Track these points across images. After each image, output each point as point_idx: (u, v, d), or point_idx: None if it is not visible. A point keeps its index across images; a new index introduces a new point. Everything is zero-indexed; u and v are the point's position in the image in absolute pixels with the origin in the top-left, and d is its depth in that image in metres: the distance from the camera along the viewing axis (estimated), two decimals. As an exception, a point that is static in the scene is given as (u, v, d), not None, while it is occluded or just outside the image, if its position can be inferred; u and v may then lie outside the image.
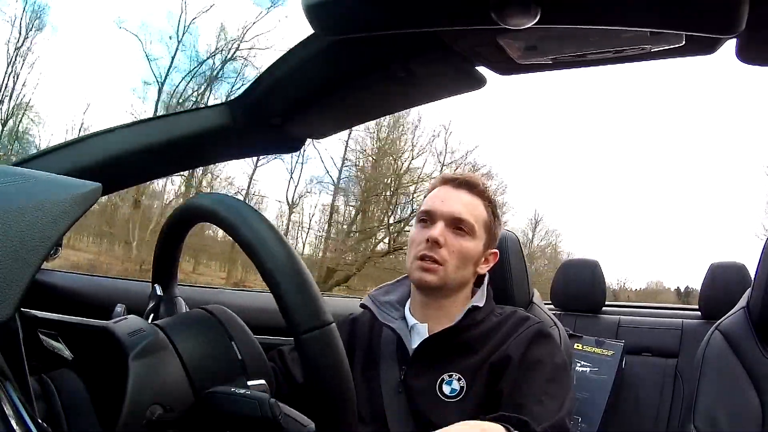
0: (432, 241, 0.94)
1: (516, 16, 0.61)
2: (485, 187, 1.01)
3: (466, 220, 0.97)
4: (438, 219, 0.97)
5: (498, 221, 1.03)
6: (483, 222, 0.99)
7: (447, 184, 1.01)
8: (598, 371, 1.80)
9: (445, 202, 0.98)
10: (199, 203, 0.65)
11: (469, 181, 1.00)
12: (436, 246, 0.95)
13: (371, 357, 1.00)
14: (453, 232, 0.96)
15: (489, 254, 1.02)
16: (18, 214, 0.42)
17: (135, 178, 1.11)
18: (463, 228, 0.96)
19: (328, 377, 0.54)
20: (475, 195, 1.00)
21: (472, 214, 0.98)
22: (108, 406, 0.53)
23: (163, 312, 0.73)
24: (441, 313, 0.98)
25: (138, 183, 1.18)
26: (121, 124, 0.95)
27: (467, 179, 1.01)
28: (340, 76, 0.91)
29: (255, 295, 1.51)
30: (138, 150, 0.94)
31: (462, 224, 0.96)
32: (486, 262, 1.02)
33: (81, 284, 1.23)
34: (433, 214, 0.98)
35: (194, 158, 1.08)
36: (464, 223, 0.96)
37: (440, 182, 1.03)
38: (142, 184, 7.88)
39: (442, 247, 0.95)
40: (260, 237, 0.55)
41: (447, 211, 0.97)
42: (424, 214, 0.99)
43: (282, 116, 1.00)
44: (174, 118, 1.06)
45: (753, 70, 0.77)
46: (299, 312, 0.53)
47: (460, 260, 0.96)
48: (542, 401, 0.84)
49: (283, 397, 0.60)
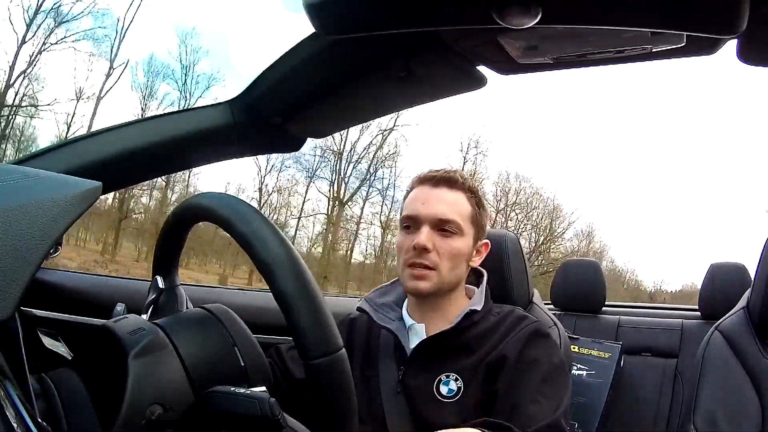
0: (419, 249, 0.92)
1: (517, 15, 0.61)
2: (464, 179, 0.97)
3: (451, 220, 0.93)
4: (422, 223, 0.93)
5: (484, 211, 0.99)
6: (469, 217, 0.96)
7: (425, 184, 0.97)
8: (595, 375, 1.80)
9: (427, 203, 0.94)
10: (207, 205, 0.63)
11: (448, 177, 0.96)
12: (424, 252, 0.92)
13: (370, 357, 1.00)
14: (440, 234, 0.93)
15: (480, 246, 1.00)
16: (18, 212, 0.42)
17: (135, 177, 1.11)
18: (450, 229, 0.93)
19: (336, 404, 0.54)
20: (456, 190, 0.96)
21: (457, 212, 0.94)
22: (108, 406, 0.53)
23: (163, 303, 0.72)
24: (438, 314, 0.97)
25: (138, 182, 1.18)
26: (121, 122, 0.95)
27: (445, 176, 0.96)
28: (340, 76, 0.91)
29: (255, 294, 1.51)
30: (138, 149, 0.93)
31: (448, 225, 0.93)
32: (478, 254, 1.00)
33: (81, 283, 1.22)
34: (416, 218, 0.94)
35: (194, 157, 1.08)
36: (450, 223, 0.93)
37: (417, 183, 0.98)
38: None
39: (431, 252, 0.92)
40: (274, 256, 0.54)
41: (430, 213, 0.93)
42: (407, 219, 0.96)
43: (282, 115, 1.00)
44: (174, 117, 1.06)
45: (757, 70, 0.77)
46: (310, 337, 0.53)
47: (451, 261, 0.94)
48: (538, 401, 0.83)
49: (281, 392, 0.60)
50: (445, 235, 0.93)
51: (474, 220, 0.97)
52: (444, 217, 0.93)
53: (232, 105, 0.99)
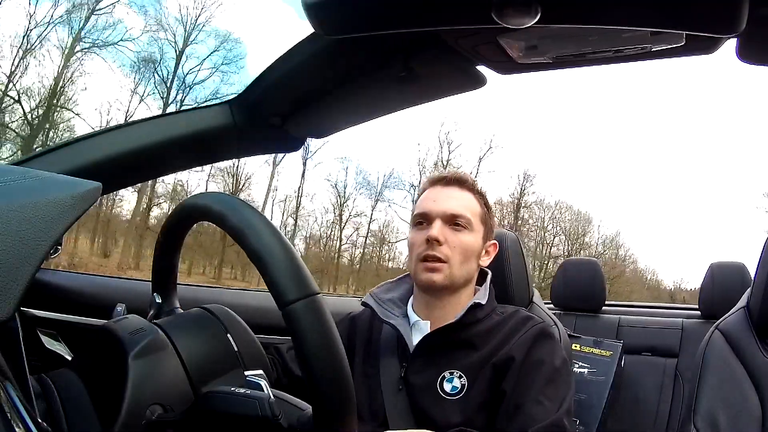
0: (432, 240, 0.95)
1: (517, 15, 0.61)
2: (473, 182, 1.02)
3: (461, 214, 0.97)
4: (434, 218, 0.97)
5: (491, 213, 1.04)
6: (478, 215, 1.00)
7: (436, 185, 1.02)
8: (596, 373, 1.80)
9: (438, 201, 0.98)
10: (192, 203, 0.64)
11: (458, 177, 1.01)
12: (436, 244, 0.95)
13: (371, 354, 1.00)
14: (451, 228, 0.97)
15: (488, 246, 1.03)
16: (18, 212, 0.42)
17: (135, 178, 1.11)
18: (460, 223, 0.97)
19: (318, 347, 0.53)
20: (466, 190, 1.00)
21: (467, 209, 0.98)
22: (108, 406, 0.53)
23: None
24: (444, 311, 0.98)
25: (138, 182, 1.19)
26: (122, 123, 0.95)
27: (455, 176, 1.01)
28: (340, 76, 0.91)
29: (255, 294, 1.51)
30: (138, 149, 0.94)
31: (458, 219, 0.97)
32: (487, 254, 1.03)
33: (81, 284, 1.22)
34: (429, 214, 0.98)
35: (194, 157, 1.08)
36: (460, 218, 0.97)
37: (429, 184, 1.03)
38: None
39: (442, 245, 0.95)
40: (247, 221, 0.55)
41: (442, 209, 0.97)
42: (419, 216, 1.00)
43: (282, 116, 1.00)
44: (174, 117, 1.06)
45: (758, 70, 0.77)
46: (284, 284, 0.53)
47: (462, 255, 0.96)
48: (541, 401, 0.84)
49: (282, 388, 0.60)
50: (457, 229, 0.97)
51: (483, 219, 1.01)
52: (455, 212, 0.97)
53: (232, 105, 0.99)
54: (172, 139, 0.96)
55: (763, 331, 1.05)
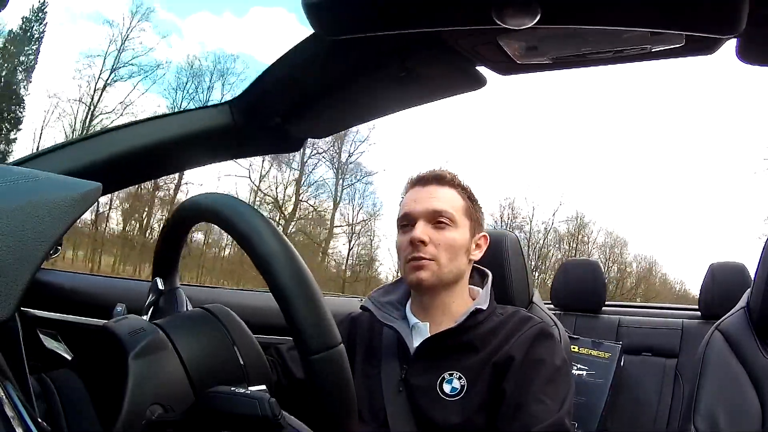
0: (416, 242, 0.95)
1: (517, 16, 0.61)
2: (454, 176, 1.02)
3: (443, 210, 0.97)
4: (417, 219, 0.97)
5: (477, 205, 1.03)
6: (462, 209, 0.99)
7: (416, 185, 1.01)
8: (594, 375, 1.80)
9: (419, 201, 0.98)
10: (205, 204, 0.64)
11: (436, 175, 1.01)
12: (422, 245, 0.95)
13: (372, 355, 1.00)
14: (434, 227, 0.96)
15: (478, 239, 1.02)
16: (18, 213, 0.42)
17: (135, 178, 1.11)
18: (443, 220, 0.97)
19: (335, 399, 0.53)
20: (446, 186, 1.00)
21: (449, 205, 0.98)
22: (108, 406, 0.53)
23: (163, 304, 0.72)
24: (442, 312, 0.98)
25: (138, 183, 1.19)
26: (122, 123, 0.95)
27: (434, 174, 1.01)
28: (340, 76, 0.91)
29: (255, 294, 1.51)
30: (138, 149, 0.94)
31: (441, 217, 0.97)
32: (477, 248, 1.02)
33: (81, 283, 1.22)
34: (411, 215, 0.98)
35: (194, 158, 1.08)
36: (443, 214, 0.97)
37: (409, 186, 1.03)
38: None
39: (428, 245, 0.95)
40: (272, 252, 0.54)
41: (423, 208, 0.97)
42: (403, 219, 1.00)
43: (282, 116, 1.00)
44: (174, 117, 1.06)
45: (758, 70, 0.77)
46: (309, 333, 0.53)
47: (449, 252, 0.96)
48: (542, 401, 0.85)
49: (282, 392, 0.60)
50: (440, 227, 0.97)
51: (467, 212, 1.00)
52: (436, 208, 0.97)
53: (231, 105, 0.99)
54: (172, 139, 0.96)
55: (763, 331, 1.05)
